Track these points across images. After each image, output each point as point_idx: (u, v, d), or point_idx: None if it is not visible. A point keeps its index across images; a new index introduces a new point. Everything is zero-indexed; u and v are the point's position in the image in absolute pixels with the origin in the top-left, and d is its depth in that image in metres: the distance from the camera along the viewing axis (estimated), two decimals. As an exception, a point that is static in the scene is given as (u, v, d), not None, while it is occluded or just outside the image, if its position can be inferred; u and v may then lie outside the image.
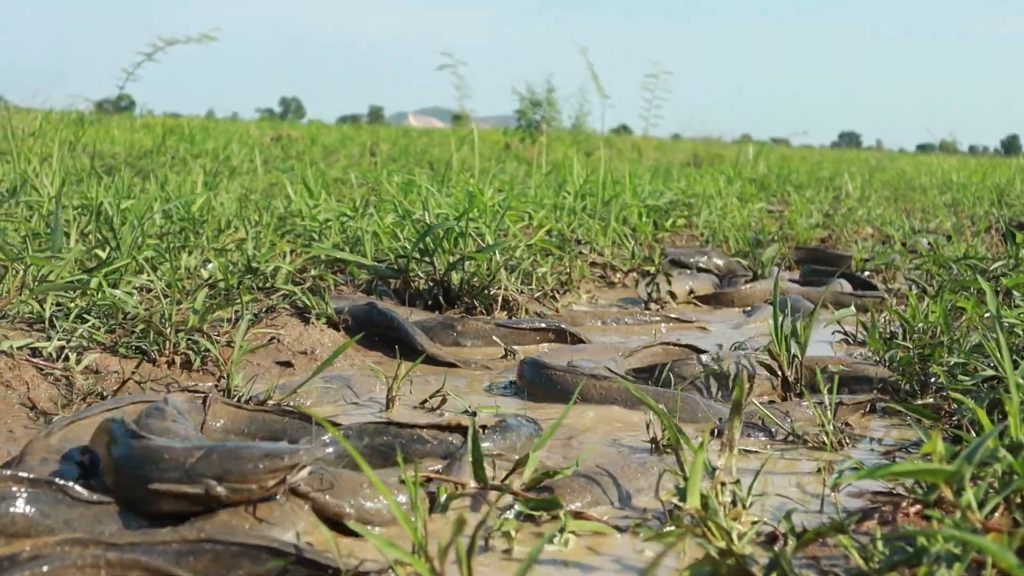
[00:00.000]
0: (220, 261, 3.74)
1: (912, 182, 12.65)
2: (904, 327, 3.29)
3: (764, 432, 2.54)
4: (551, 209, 5.48)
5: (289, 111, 29.17)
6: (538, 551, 1.34)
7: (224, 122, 19.79)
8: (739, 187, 8.21)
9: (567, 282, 4.46)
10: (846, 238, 6.96)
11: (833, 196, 9.45)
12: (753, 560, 1.68)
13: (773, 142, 26.29)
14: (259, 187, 6.92)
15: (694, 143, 19.32)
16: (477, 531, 1.43)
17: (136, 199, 4.99)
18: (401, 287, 3.97)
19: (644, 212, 6.06)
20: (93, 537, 1.58)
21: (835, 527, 1.68)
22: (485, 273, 3.92)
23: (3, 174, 5.98)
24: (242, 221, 4.74)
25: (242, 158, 9.54)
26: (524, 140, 14.25)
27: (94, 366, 2.71)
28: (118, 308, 2.99)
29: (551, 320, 3.65)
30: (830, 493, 2.13)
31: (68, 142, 7.54)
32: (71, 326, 2.83)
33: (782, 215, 7.64)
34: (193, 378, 2.84)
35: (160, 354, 2.87)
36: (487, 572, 1.76)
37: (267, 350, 3.12)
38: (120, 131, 12.23)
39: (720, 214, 6.54)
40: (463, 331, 3.48)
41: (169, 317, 2.91)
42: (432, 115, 58.84)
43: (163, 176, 6.51)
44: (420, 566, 1.43)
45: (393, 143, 14.00)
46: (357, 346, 3.31)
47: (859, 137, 41.71)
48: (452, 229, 3.91)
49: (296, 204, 5.35)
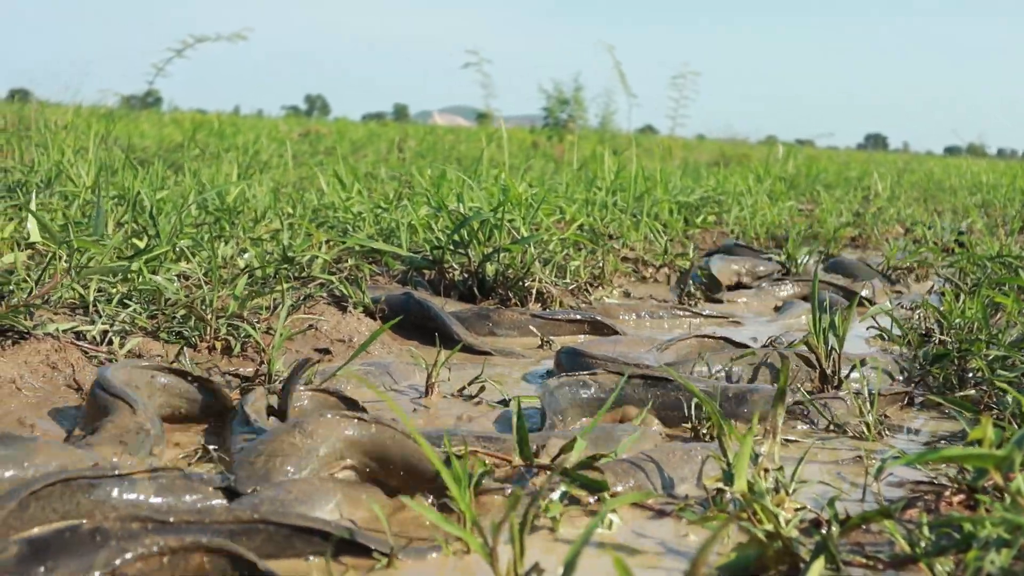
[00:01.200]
0: (256, 250, 3.77)
1: (941, 183, 12.58)
2: (941, 323, 3.29)
3: (805, 422, 2.55)
4: (582, 204, 5.49)
5: (315, 108, 29.26)
6: (592, 530, 1.35)
7: (251, 118, 19.88)
8: (769, 185, 8.19)
9: (600, 276, 4.47)
10: (876, 237, 6.94)
11: (862, 196, 9.42)
12: (799, 543, 1.69)
13: (798, 143, 26.19)
14: (289, 181, 6.96)
15: (720, 143, 19.26)
16: (530, 507, 1.44)
17: (170, 190, 5.03)
18: (436, 278, 3.99)
19: (675, 208, 6.06)
20: (148, 514, 1.61)
21: (881, 512, 1.69)
22: (519, 265, 3.93)
23: (38, 165, 6.03)
24: (276, 213, 4.77)
25: (271, 153, 9.59)
26: (551, 138, 14.26)
27: (137, 350, 2.74)
28: (159, 294, 3.02)
29: (586, 312, 3.66)
30: (872, 482, 2.13)
31: (100, 135, 7.58)
32: (113, 311, 2.86)
33: (812, 214, 7.62)
34: (233, 363, 2.87)
35: (201, 339, 2.90)
36: (532, 553, 1.77)
37: (305, 337, 3.14)
38: (149, 125, 12.31)
39: (751, 211, 6.53)
40: (499, 321, 3.50)
41: (210, 303, 2.93)
42: (457, 113, 58.97)
43: (195, 169, 6.55)
44: (473, 542, 1.44)
45: (420, 140, 14.01)
46: (394, 335, 3.34)
47: (885, 139, 41.52)
48: (487, 221, 3.92)
49: (329, 196, 5.38)
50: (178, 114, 16.09)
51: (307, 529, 1.64)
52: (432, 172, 6.27)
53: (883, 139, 40.87)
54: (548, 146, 13.51)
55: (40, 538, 1.59)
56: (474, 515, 1.43)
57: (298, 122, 18.85)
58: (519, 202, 4.21)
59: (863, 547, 1.80)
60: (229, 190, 4.82)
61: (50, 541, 1.58)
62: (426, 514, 1.45)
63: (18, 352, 2.50)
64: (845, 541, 1.81)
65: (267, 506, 1.70)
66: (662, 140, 15.65)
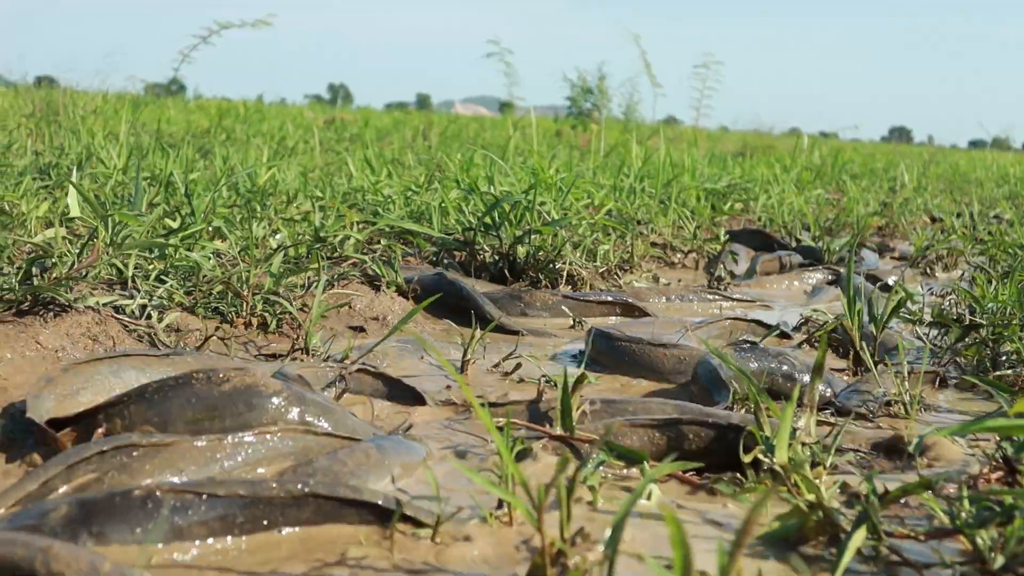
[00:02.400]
0: (289, 230, 3.80)
1: (967, 175, 12.52)
2: (974, 306, 3.28)
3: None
4: (611, 190, 5.50)
5: (337, 97, 29.26)
6: (641, 491, 1.37)
7: (274, 106, 19.92)
8: (796, 174, 8.17)
9: (629, 260, 4.48)
10: (903, 226, 6.92)
11: (888, 187, 9.39)
12: (840, 513, 1.70)
13: (822, 136, 26.08)
14: (316, 166, 6.99)
15: (744, 134, 19.20)
16: (577, 472, 1.46)
17: (200, 173, 5.07)
18: (467, 259, 4.01)
19: (702, 195, 6.06)
20: (199, 485, 1.63)
21: (922, 484, 1.70)
22: (550, 247, 3.95)
23: (68, 148, 6.08)
24: (306, 195, 4.80)
25: (297, 139, 9.62)
26: (575, 127, 14.25)
27: (175, 325, 2.77)
28: (195, 271, 3.05)
29: (617, 294, 3.68)
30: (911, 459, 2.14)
31: (129, 121, 7.64)
32: (151, 286, 2.89)
33: (839, 203, 7.60)
34: (269, 340, 2.90)
35: (237, 316, 2.93)
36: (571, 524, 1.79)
37: (340, 315, 3.17)
38: (175, 112, 12.36)
39: (778, 199, 6.53)
40: (530, 302, 3.51)
41: (246, 280, 2.96)
42: (479, 103, 59.00)
43: (225, 154, 6.58)
44: (519, 504, 1.46)
45: (444, 128, 14.03)
46: (426, 314, 3.36)
47: (910, 132, 41.27)
48: (519, 203, 3.94)
49: (357, 180, 5.41)
50: (203, 101, 16.14)
51: (356, 501, 1.67)
52: (463, 155, 6.29)
53: (907, 132, 40.64)
54: (572, 135, 13.50)
55: (90, 500, 1.61)
56: (523, 479, 1.44)
57: (322, 110, 18.88)
58: (550, 184, 4.22)
59: (903, 521, 1.81)
60: (260, 172, 4.85)
61: (100, 504, 1.60)
62: (475, 479, 1.47)
63: (60, 324, 2.53)
64: (884, 515, 1.82)
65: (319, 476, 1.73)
66: (686, 130, 15.62)
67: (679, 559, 1.17)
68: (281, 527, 1.64)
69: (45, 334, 2.47)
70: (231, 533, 1.61)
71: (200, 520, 1.60)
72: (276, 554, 1.58)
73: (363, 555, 1.59)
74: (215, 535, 1.60)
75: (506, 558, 1.61)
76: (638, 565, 1.61)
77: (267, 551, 1.59)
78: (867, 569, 1.63)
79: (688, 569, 1.16)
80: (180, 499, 1.60)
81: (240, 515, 1.62)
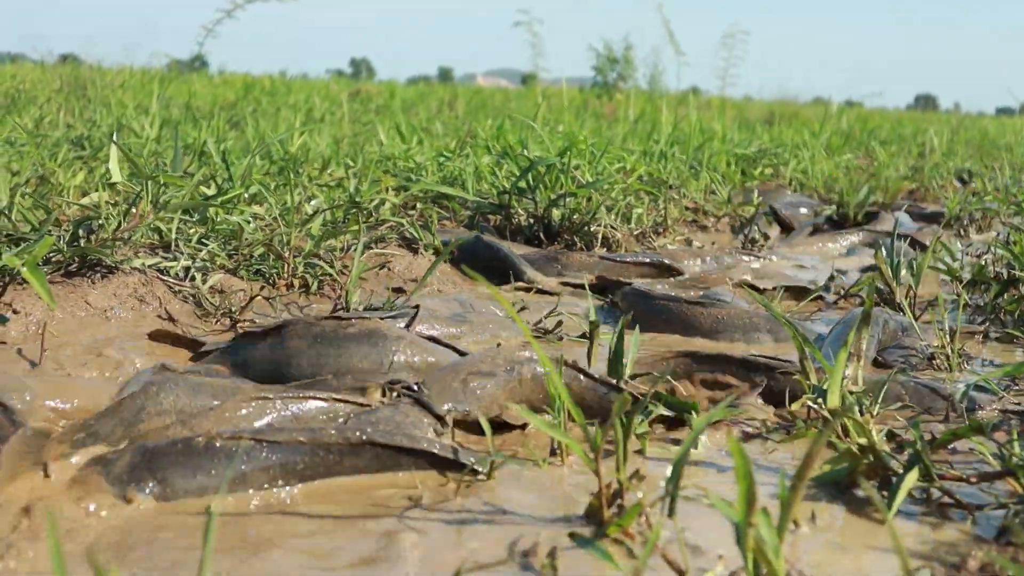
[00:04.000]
0: (325, 195, 3.82)
1: (996, 141, 12.42)
2: (1013, 264, 3.28)
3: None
4: (641, 155, 5.49)
5: (360, 72, 29.24)
6: (699, 431, 1.38)
7: (298, 81, 19.92)
8: (825, 139, 8.13)
9: (662, 223, 4.48)
10: (934, 189, 6.88)
11: (918, 152, 9.33)
12: (892, 456, 1.71)
13: (848, 105, 25.86)
14: (345, 136, 7.00)
15: (769, 103, 19.07)
16: (635, 411, 1.48)
17: (232, 142, 5.09)
18: (502, 223, 4.02)
19: (732, 160, 6.05)
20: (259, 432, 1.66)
21: (972, 428, 1.71)
22: (585, 210, 3.96)
23: (100, 120, 6.12)
24: (339, 162, 4.82)
25: (323, 111, 9.63)
26: (600, 97, 14.21)
27: (218, 286, 2.80)
28: (236, 234, 3.07)
29: (653, 255, 3.68)
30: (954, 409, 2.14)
31: (159, 94, 7.67)
32: (194, 248, 2.92)
33: (868, 168, 7.56)
34: (311, 300, 2.92)
35: (279, 277, 2.95)
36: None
37: (379, 277, 3.19)
38: (201, 86, 12.39)
39: (809, 163, 6.50)
40: (567, 264, 3.53)
41: (287, 242, 2.98)
42: (501, 76, 58.80)
43: (256, 124, 6.61)
44: (577, 448, 1.47)
45: (469, 100, 14.00)
46: (464, 275, 3.38)
47: (936, 99, 40.90)
48: (553, 166, 3.94)
49: (388, 148, 5.42)
50: (228, 76, 16.16)
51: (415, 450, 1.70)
52: (494, 121, 6.30)
53: (933, 99, 40.24)
54: (598, 105, 13.46)
55: (153, 448, 1.64)
56: (582, 420, 1.46)
57: (346, 84, 18.87)
58: (583, 150, 4.23)
59: (951, 466, 1.82)
60: (292, 139, 4.87)
61: (163, 452, 1.63)
62: (534, 422, 1.49)
63: (107, 285, 2.56)
64: (934, 459, 1.83)
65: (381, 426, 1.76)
66: (712, 99, 15.54)
67: (743, 490, 1.18)
68: (341, 474, 1.67)
69: (94, 294, 2.50)
70: (292, 481, 1.64)
71: (262, 467, 1.63)
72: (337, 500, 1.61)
73: (425, 500, 1.61)
74: (276, 482, 1.63)
75: (560, 500, 1.63)
76: (689, 506, 1.62)
77: (328, 498, 1.62)
78: (918, 510, 1.65)
79: (753, 500, 1.18)
80: (241, 446, 1.63)
81: (301, 462, 1.65)
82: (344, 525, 1.52)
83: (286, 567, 1.38)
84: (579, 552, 1.41)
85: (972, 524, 1.59)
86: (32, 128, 5.35)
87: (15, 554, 1.35)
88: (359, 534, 1.49)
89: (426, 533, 1.50)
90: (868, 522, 1.60)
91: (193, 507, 1.55)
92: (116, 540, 1.44)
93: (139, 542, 1.43)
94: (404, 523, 1.53)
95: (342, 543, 1.46)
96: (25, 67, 12.25)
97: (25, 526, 1.43)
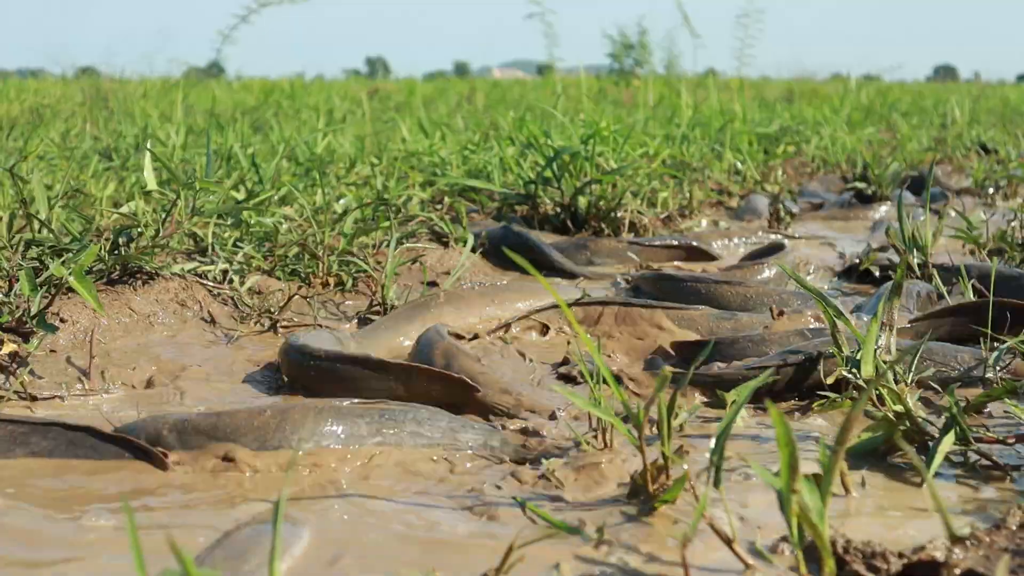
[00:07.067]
0: (353, 194, 3.87)
1: (1018, 108, 12.35)
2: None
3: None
4: (663, 139, 5.52)
5: (376, 70, 29.27)
6: (742, 404, 1.42)
7: (316, 82, 20.01)
8: (846, 114, 8.13)
9: (688, 205, 4.51)
10: (958, 159, 6.88)
11: (939, 123, 9.31)
12: (928, 422, 1.74)
13: (866, 79, 25.70)
14: (366, 135, 7.05)
15: (787, 81, 19.01)
16: (678, 389, 1.52)
17: (258, 146, 5.15)
18: (529, 213, 4.06)
19: (754, 140, 6.07)
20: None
21: (1007, 389, 1.74)
22: (611, 197, 3.99)
23: (126, 131, 6.20)
24: (364, 161, 4.87)
25: (344, 111, 9.69)
26: (617, 84, 14.20)
27: (256, 287, 2.85)
28: (271, 236, 3.13)
29: (682, 237, 3.72)
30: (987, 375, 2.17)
31: (183, 102, 7.75)
32: (230, 252, 2.98)
33: (891, 141, 7.56)
34: (347, 297, 2.98)
35: (315, 276, 3.01)
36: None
37: (412, 271, 3.24)
38: (220, 92, 12.49)
39: (830, 140, 6.51)
40: (596, 250, 3.57)
41: (321, 241, 3.04)
42: (517, 68, 58.95)
43: (277, 127, 6.67)
44: (620, 425, 1.52)
45: (487, 93, 14.04)
46: (494, 266, 3.43)
47: (955, 70, 40.59)
48: (578, 154, 3.98)
49: (412, 144, 5.47)
50: (246, 81, 16.26)
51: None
52: (514, 116, 6.34)
53: (953, 70, 39.96)
54: (616, 91, 13.46)
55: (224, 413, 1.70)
56: (624, 397, 1.51)
57: (364, 83, 18.94)
58: (606, 137, 4.26)
59: (987, 428, 1.85)
60: (317, 140, 4.93)
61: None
62: (575, 400, 1.53)
63: (149, 291, 2.62)
64: (970, 422, 1.86)
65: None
66: (730, 80, 15.52)
67: (785, 457, 1.22)
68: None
69: (136, 301, 2.56)
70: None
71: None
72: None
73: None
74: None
75: (601, 477, 1.67)
76: (731, 479, 1.67)
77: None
78: (955, 473, 1.68)
79: (795, 467, 1.22)
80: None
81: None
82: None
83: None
84: (627, 525, 1.46)
85: (1010, 483, 1.62)
86: (60, 142, 5.42)
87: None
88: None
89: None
90: (907, 487, 1.64)
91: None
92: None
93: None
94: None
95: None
96: (47, 81, 12.39)
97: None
